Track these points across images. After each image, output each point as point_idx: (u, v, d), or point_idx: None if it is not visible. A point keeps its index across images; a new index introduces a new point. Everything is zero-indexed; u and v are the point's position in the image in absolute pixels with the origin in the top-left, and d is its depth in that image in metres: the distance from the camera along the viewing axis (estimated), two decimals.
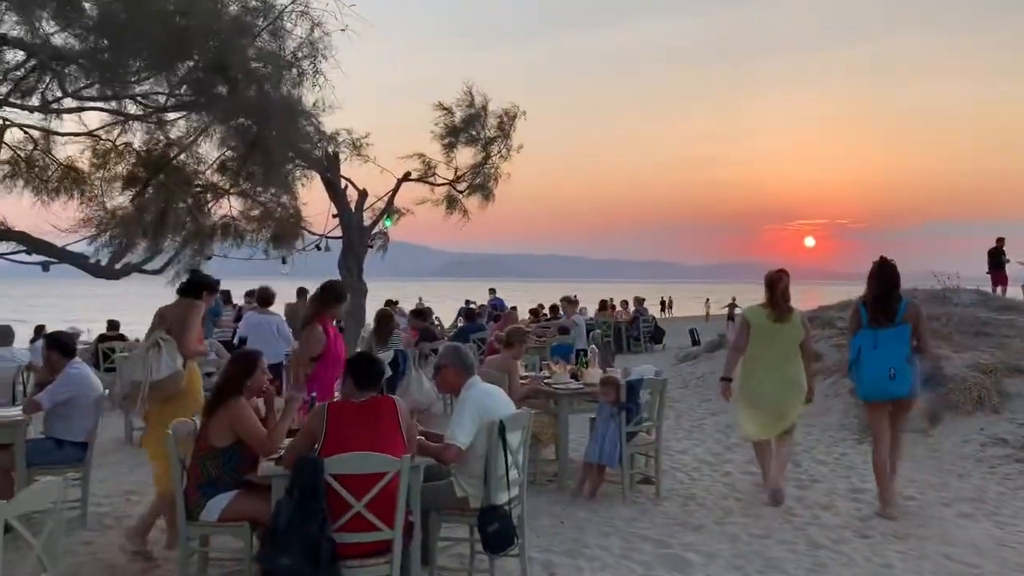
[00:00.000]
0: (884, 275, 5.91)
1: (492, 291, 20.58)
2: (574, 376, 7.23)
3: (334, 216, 7.59)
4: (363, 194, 7.83)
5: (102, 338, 11.61)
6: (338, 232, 7.68)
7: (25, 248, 7.92)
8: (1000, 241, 19.55)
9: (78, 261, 8.28)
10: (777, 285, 6.20)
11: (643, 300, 23.70)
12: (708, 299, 49.24)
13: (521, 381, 7.06)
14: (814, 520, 5.78)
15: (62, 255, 8.18)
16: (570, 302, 13.60)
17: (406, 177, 8.20)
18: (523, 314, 18.68)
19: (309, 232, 9.33)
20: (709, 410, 10.42)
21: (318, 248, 8.77)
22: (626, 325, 21.82)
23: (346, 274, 7.42)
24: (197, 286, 5.46)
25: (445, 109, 8.24)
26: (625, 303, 23.77)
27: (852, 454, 7.93)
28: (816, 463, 7.62)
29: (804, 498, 6.38)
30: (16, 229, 7.86)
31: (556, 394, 6.75)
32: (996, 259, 19.35)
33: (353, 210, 7.65)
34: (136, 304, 21.78)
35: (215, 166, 8.92)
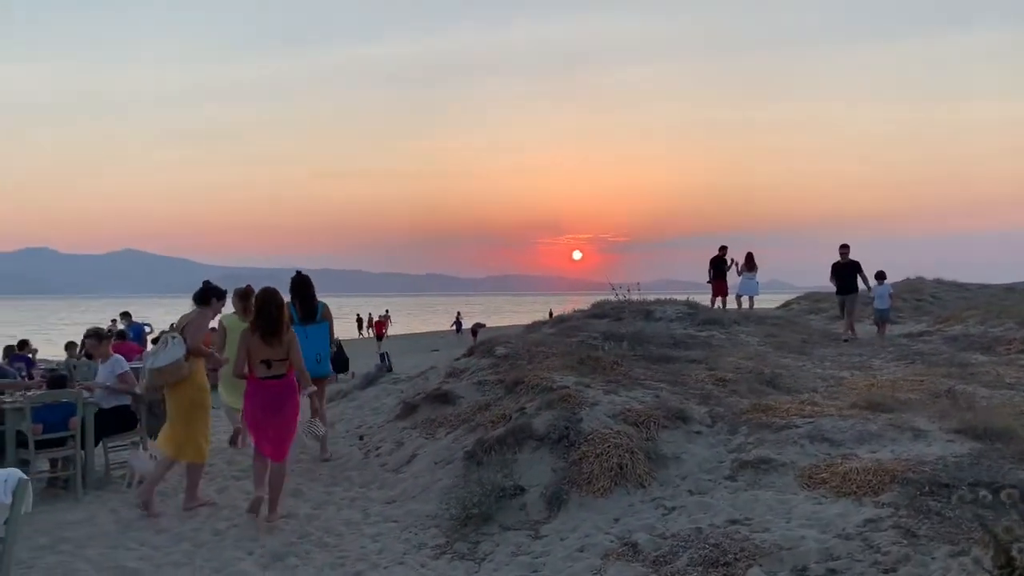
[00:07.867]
0: (304, 285, 7.63)
1: (125, 315, 15.96)
2: None
3: None
4: None
5: None
6: None
7: None
8: (723, 250, 18.50)
9: None
10: (250, 299, 7.41)
11: None
12: (459, 312, 46.86)
13: None
14: None
15: None
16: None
17: None
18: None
19: None
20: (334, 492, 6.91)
21: None
22: None
23: None
24: (207, 294, 6.58)
25: None
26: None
27: None
28: None
29: None
30: None
31: None
32: (719, 268, 18.24)
33: None
34: None
35: None
